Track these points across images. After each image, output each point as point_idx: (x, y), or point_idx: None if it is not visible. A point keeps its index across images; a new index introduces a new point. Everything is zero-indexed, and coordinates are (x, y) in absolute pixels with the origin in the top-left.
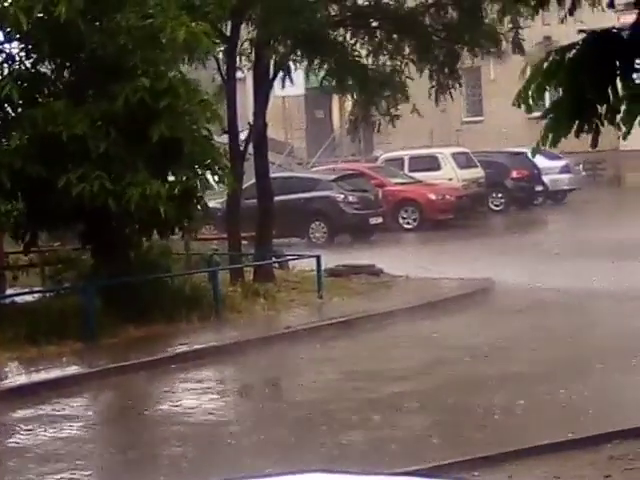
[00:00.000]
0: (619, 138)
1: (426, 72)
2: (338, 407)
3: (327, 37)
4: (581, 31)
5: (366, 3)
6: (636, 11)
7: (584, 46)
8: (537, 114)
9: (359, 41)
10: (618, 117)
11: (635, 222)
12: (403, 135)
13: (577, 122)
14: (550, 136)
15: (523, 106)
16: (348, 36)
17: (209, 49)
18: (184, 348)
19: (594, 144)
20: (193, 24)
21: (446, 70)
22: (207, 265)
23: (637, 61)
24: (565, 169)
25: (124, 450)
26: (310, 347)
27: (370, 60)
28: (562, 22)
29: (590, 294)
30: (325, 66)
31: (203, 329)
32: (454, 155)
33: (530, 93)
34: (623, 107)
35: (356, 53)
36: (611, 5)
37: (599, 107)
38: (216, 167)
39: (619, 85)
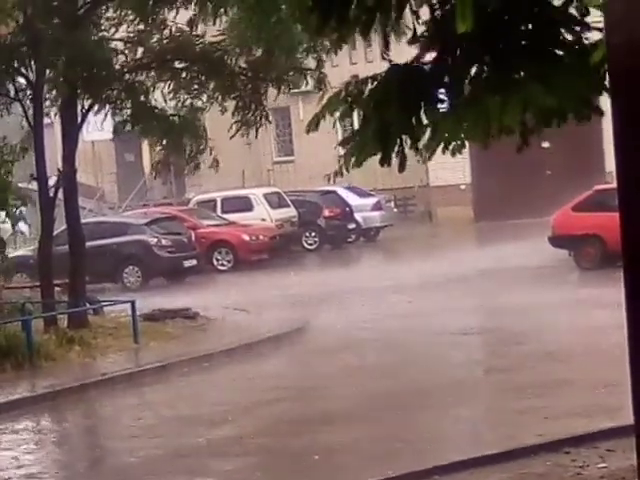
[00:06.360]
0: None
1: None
2: (158, 453)
3: (129, 82)
4: (389, 60)
5: (171, 44)
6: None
7: (388, 77)
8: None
9: (162, 83)
10: (420, 145)
11: (444, 256)
12: (215, 177)
13: (382, 150)
14: (354, 157)
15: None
16: (149, 79)
17: None
18: None
19: (401, 168)
20: None
21: (253, 107)
22: (20, 314)
23: (440, 91)
24: (377, 206)
25: None
26: (128, 393)
27: (172, 102)
28: (353, 62)
29: (405, 330)
30: (126, 111)
31: (17, 379)
32: (266, 195)
33: (326, 118)
34: (427, 135)
35: (155, 98)
36: (415, 40)
37: (403, 136)
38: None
39: (422, 115)
